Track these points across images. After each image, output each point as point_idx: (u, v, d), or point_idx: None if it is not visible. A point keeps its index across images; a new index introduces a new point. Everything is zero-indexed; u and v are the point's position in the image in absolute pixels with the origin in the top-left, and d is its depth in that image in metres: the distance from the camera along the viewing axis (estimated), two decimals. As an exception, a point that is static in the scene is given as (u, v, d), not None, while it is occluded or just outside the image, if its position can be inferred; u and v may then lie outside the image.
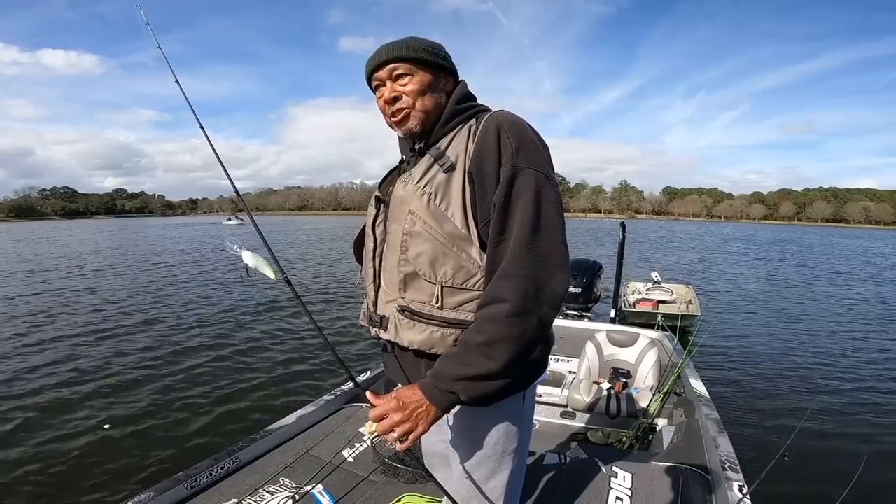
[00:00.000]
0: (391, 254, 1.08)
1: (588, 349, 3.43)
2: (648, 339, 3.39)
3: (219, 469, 1.92)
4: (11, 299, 10.08)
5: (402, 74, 1.06)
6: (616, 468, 2.06)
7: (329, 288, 11.64)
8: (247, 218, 1.53)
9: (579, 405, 3.04)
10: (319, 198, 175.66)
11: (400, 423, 0.92)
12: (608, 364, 3.39)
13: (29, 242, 31.20)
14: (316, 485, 1.92)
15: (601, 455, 2.21)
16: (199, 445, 3.73)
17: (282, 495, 1.84)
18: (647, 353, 3.29)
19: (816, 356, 6.51)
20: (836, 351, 6.81)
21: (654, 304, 7.68)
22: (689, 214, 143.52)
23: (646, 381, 3.17)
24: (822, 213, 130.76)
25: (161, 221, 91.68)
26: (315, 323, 1.33)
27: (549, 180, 0.98)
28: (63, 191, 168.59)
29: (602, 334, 3.48)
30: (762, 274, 16.11)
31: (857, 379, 5.57)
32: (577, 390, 3.08)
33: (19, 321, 7.98)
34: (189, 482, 1.80)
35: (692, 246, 29.28)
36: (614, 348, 3.42)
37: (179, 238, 33.00)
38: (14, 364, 5.68)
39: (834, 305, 10.45)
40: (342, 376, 4.64)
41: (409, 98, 1.05)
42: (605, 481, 1.98)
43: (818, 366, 6.06)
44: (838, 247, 32.89)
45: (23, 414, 4.28)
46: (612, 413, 2.95)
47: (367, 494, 1.93)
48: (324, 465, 2.05)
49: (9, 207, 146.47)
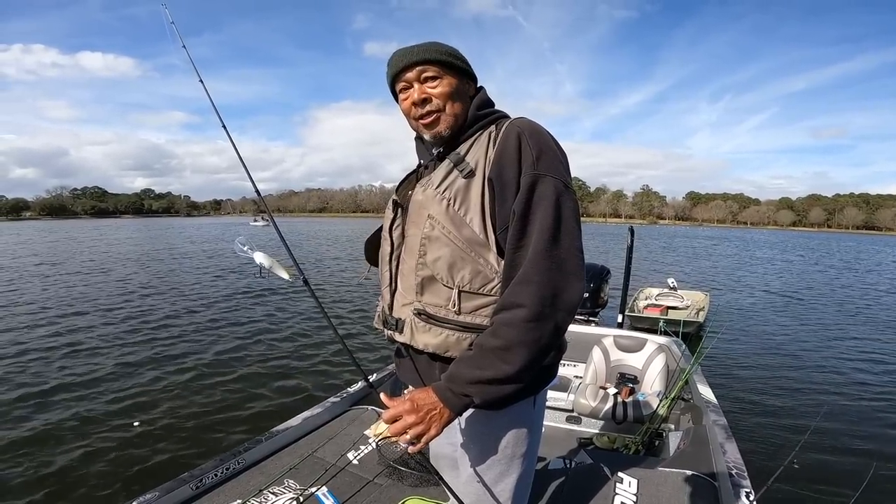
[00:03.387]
0: (409, 257, 1.08)
1: (595, 354, 3.40)
2: (656, 345, 3.34)
3: (224, 470, 1.93)
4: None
5: (432, 77, 1.05)
6: (622, 474, 2.04)
7: (345, 290, 11.77)
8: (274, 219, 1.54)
9: (585, 410, 3.02)
10: (339, 200, 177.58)
11: (413, 426, 0.92)
12: (615, 369, 3.35)
13: (63, 241, 32.10)
14: (320, 487, 1.91)
15: (607, 460, 2.18)
16: (207, 444, 3.78)
17: (286, 497, 1.84)
18: (654, 359, 3.24)
19: (828, 363, 6.40)
20: (847, 359, 6.67)
21: (663, 309, 7.63)
22: (713, 220, 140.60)
23: (653, 387, 3.13)
24: (854, 219, 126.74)
25: (187, 222, 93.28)
26: (331, 322, 1.34)
27: (568, 188, 0.99)
28: (94, 190, 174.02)
29: (609, 339, 3.44)
30: (779, 281, 15.78)
31: (867, 387, 5.46)
32: (584, 395, 3.06)
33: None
34: (194, 483, 1.81)
35: (705, 252, 28.69)
36: (621, 353, 3.38)
37: (209, 238, 33.53)
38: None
39: (849, 314, 10.18)
40: (349, 378, 4.67)
41: (439, 101, 1.05)
42: (611, 487, 1.95)
43: (829, 373, 5.95)
44: (865, 254, 31.86)
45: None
46: (619, 418, 2.92)
47: (371, 497, 1.92)
48: (328, 468, 2.05)
49: (41, 206, 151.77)
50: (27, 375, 5.26)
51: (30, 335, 6.96)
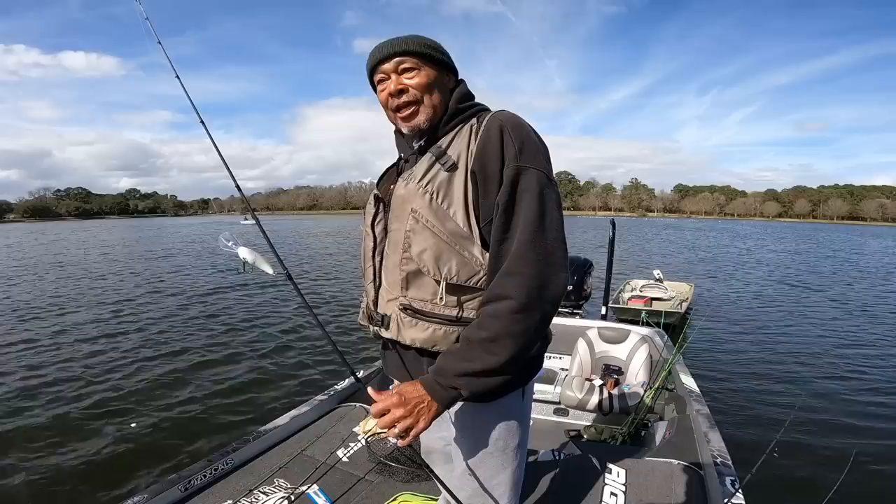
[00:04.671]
0: (393, 252, 1.08)
1: (580, 346, 3.42)
2: (639, 336, 3.37)
3: (212, 471, 1.91)
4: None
5: (409, 68, 1.05)
6: (610, 464, 2.06)
7: (331, 287, 11.72)
8: (262, 217, 1.52)
9: (572, 402, 3.04)
10: (329, 197, 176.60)
11: (402, 419, 0.92)
12: (600, 361, 3.38)
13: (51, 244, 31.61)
14: (311, 485, 1.91)
15: (595, 451, 2.21)
16: (196, 444, 3.75)
17: (277, 496, 1.84)
18: (638, 350, 3.27)
19: (807, 351, 6.50)
20: (827, 347, 6.77)
21: (647, 301, 7.71)
22: (700, 212, 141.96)
23: (637, 378, 3.16)
24: (838, 210, 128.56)
25: (176, 221, 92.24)
26: (316, 318, 1.33)
27: (551, 181, 1.00)
28: (77, 191, 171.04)
29: (593, 331, 3.46)
30: (762, 270, 15.97)
31: (846, 374, 5.54)
32: (570, 387, 3.08)
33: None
34: (183, 484, 1.79)
35: (691, 243, 29.00)
36: (606, 345, 3.40)
37: (200, 237, 33.14)
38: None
39: (831, 302, 10.31)
40: (338, 374, 4.65)
41: (417, 91, 1.05)
42: (601, 478, 1.98)
43: (809, 361, 6.04)
44: (850, 244, 32.38)
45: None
46: (605, 409, 2.95)
47: (363, 494, 1.92)
48: (319, 466, 2.04)
49: (24, 208, 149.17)
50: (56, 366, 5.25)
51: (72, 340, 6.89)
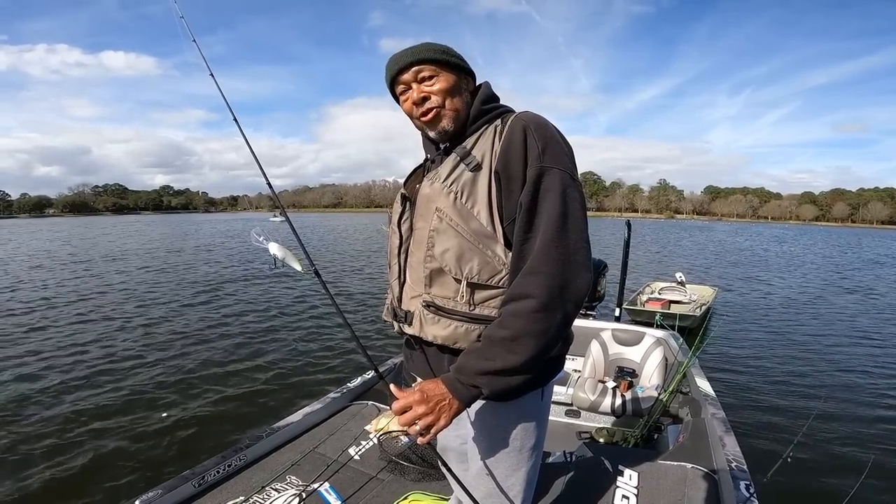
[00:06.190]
0: (417, 250, 1.10)
1: (593, 347, 3.39)
2: (654, 338, 3.33)
3: (226, 467, 1.94)
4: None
5: (429, 76, 1.07)
6: (622, 467, 2.04)
7: (352, 282, 11.85)
8: (289, 214, 1.57)
9: (584, 404, 3.02)
10: (353, 195, 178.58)
11: (423, 416, 0.93)
12: (613, 363, 3.34)
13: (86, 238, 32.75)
14: (323, 483, 1.93)
15: (607, 454, 2.19)
16: (211, 440, 3.79)
17: (289, 493, 1.85)
18: (652, 352, 3.23)
19: (827, 358, 6.32)
20: (847, 353, 6.57)
21: (665, 303, 7.49)
22: (732, 215, 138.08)
23: (651, 380, 3.12)
24: (878, 214, 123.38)
25: (209, 217, 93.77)
26: (343, 316, 1.34)
27: (574, 181, 1.00)
28: (114, 188, 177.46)
29: (607, 333, 3.43)
30: (794, 276, 15.45)
31: (869, 385, 5.36)
32: (583, 389, 3.06)
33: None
34: (196, 480, 1.81)
35: (720, 247, 28.21)
36: (620, 347, 3.37)
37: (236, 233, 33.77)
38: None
39: (854, 310, 9.91)
40: (351, 370, 4.70)
41: (438, 97, 1.07)
42: (612, 481, 1.96)
43: (830, 370, 5.86)
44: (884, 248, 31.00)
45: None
46: (618, 412, 2.93)
47: (374, 492, 1.93)
48: (330, 463, 2.06)
49: (63, 203, 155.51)
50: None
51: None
